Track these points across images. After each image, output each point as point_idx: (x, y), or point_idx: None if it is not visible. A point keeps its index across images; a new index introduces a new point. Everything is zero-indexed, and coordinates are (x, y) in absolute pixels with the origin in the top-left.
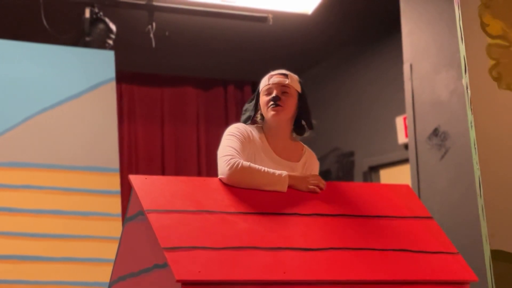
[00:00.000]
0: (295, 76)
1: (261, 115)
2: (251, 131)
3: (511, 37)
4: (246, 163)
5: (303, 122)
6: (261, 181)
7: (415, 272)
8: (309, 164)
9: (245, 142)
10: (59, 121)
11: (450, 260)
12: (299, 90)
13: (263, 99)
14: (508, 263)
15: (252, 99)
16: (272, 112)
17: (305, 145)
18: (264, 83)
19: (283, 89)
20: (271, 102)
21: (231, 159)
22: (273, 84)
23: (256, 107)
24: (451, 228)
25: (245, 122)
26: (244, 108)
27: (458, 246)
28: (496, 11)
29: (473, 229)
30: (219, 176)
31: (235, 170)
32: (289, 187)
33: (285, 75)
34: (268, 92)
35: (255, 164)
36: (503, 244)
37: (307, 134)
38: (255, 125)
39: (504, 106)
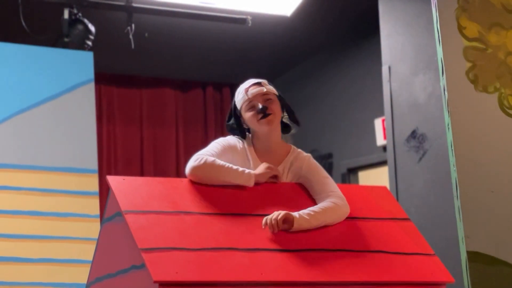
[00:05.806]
0: (266, 81)
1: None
2: (242, 143)
3: (487, 40)
4: (211, 158)
5: (289, 122)
6: (224, 175)
7: (392, 273)
8: (296, 168)
9: (227, 150)
10: (37, 122)
11: (427, 261)
12: (276, 92)
13: (247, 115)
14: (484, 265)
15: (230, 116)
16: (266, 125)
17: (296, 150)
18: (242, 98)
19: (264, 97)
20: (261, 115)
21: (199, 156)
22: (253, 96)
23: (239, 123)
24: (428, 230)
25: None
26: (228, 129)
27: (434, 247)
28: (473, 14)
29: (450, 230)
30: (186, 172)
31: (199, 164)
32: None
33: (259, 83)
34: (251, 106)
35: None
36: (479, 245)
37: (293, 131)
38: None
39: (480, 108)
